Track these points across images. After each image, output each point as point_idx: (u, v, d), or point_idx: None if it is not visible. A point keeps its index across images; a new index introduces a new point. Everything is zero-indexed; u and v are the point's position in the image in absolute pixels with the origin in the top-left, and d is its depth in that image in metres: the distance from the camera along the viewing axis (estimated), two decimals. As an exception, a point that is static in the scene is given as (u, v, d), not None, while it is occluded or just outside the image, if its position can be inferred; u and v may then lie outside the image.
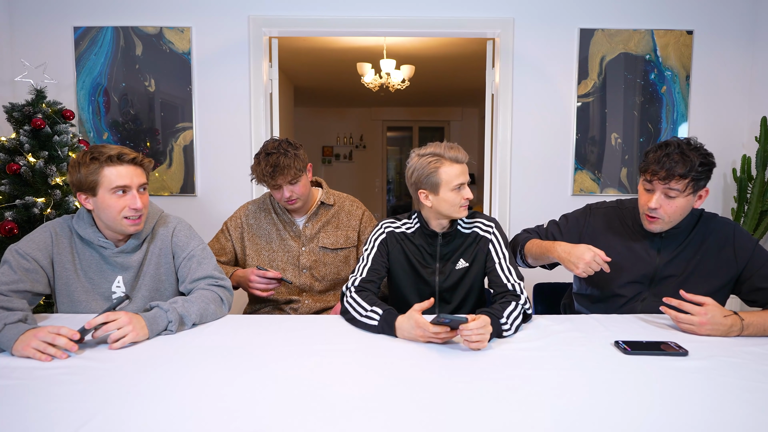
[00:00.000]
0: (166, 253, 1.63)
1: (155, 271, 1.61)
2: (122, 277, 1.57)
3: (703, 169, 1.48)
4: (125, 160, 1.47)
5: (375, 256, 1.66)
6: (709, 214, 1.64)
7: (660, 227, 1.56)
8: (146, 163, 1.54)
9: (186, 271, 1.62)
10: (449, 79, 6.36)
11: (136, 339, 1.31)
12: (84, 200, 1.49)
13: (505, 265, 1.61)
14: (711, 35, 3.01)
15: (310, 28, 3.03)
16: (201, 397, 1.02)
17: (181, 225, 1.67)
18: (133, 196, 1.48)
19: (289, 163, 1.81)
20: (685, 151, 1.48)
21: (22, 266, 1.45)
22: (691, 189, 1.49)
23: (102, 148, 1.47)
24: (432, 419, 0.93)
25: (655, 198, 1.51)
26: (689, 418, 0.94)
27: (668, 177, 1.47)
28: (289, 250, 1.98)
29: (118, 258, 1.56)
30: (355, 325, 1.48)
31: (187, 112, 3.02)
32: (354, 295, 1.53)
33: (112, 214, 1.47)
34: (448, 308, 1.68)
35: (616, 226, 1.70)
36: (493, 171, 3.21)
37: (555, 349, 1.30)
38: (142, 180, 1.51)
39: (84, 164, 1.45)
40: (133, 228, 1.52)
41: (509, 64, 3.04)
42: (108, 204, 1.46)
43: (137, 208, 1.48)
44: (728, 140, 3.08)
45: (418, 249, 1.68)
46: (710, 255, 1.58)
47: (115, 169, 1.45)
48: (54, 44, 2.93)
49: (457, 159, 1.56)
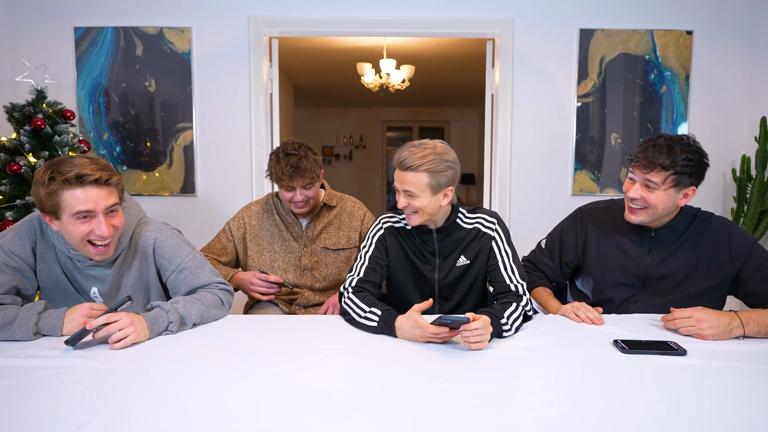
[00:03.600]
0: (148, 265, 1.52)
1: (137, 282, 1.52)
2: (97, 289, 1.48)
3: (688, 165, 1.44)
4: (87, 182, 1.28)
5: (372, 255, 1.64)
6: (705, 213, 1.61)
7: (640, 219, 1.54)
8: (114, 181, 1.34)
9: (180, 284, 1.53)
10: (449, 79, 6.36)
11: (137, 340, 1.31)
12: (49, 221, 1.34)
13: (508, 264, 1.58)
14: (711, 35, 3.01)
15: (310, 28, 3.04)
16: (201, 397, 1.02)
17: (162, 235, 1.51)
18: (98, 222, 1.31)
19: (310, 167, 1.82)
20: (673, 144, 1.45)
21: (9, 265, 1.39)
22: (672, 183, 1.45)
23: (62, 166, 1.28)
24: (432, 419, 0.93)
25: (635, 187, 1.50)
26: (688, 417, 0.94)
27: (649, 166, 1.46)
28: (290, 251, 1.99)
29: (91, 271, 1.46)
30: (354, 326, 1.48)
31: (188, 112, 3.02)
32: (351, 296, 1.52)
33: (75, 240, 1.33)
34: (448, 305, 1.67)
35: (608, 228, 1.67)
36: (493, 171, 3.22)
37: (554, 349, 1.30)
38: (110, 201, 1.33)
39: (42, 184, 1.27)
40: (99, 256, 1.38)
41: (509, 64, 3.04)
42: (70, 230, 1.31)
43: (103, 235, 1.32)
44: (728, 140, 3.08)
45: (416, 245, 1.65)
46: (705, 256, 1.55)
47: (75, 193, 1.27)
48: (54, 44, 2.94)
49: (398, 162, 1.51)
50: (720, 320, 1.34)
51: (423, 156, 1.47)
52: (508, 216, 3.14)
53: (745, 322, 1.35)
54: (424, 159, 1.47)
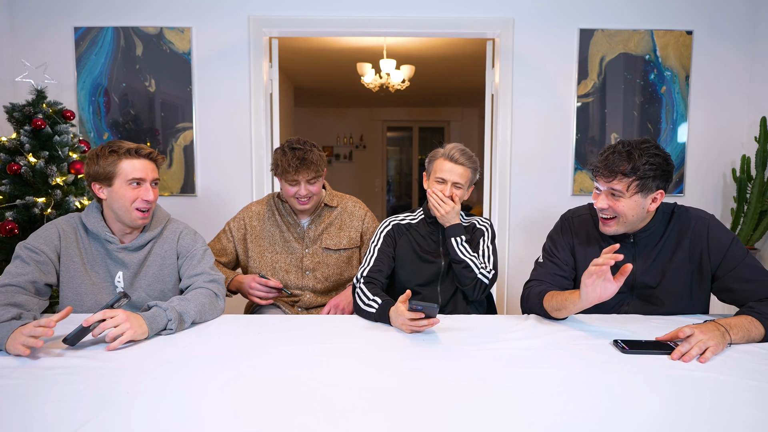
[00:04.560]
0: (171, 254, 1.67)
1: (158, 271, 1.64)
2: (122, 273, 1.61)
3: (650, 169, 1.41)
4: (142, 155, 1.57)
5: (381, 248, 1.81)
6: (681, 208, 1.57)
7: (614, 230, 1.51)
8: (159, 160, 1.64)
9: (185, 269, 1.66)
10: (449, 79, 6.36)
11: (134, 337, 1.31)
12: (98, 190, 1.56)
13: (487, 254, 1.82)
14: (711, 35, 3.00)
15: (310, 28, 3.04)
16: (201, 397, 1.02)
17: (188, 229, 1.73)
18: (146, 189, 1.57)
19: (316, 160, 1.86)
20: (632, 150, 1.42)
21: (33, 259, 1.49)
22: (636, 189, 1.43)
23: (120, 143, 1.57)
24: (432, 419, 0.93)
25: (601, 197, 1.48)
26: (687, 417, 0.94)
27: (610, 175, 1.43)
28: (292, 252, 1.98)
29: (120, 254, 1.60)
30: (359, 313, 1.62)
31: (187, 112, 3.02)
32: (362, 286, 1.67)
33: (125, 204, 1.54)
34: (452, 287, 1.82)
35: (592, 235, 1.63)
36: (493, 171, 3.22)
37: (554, 349, 1.30)
38: (155, 175, 1.61)
39: (103, 156, 1.54)
40: (141, 221, 1.59)
41: (509, 64, 3.04)
42: (122, 194, 1.54)
43: (149, 200, 1.57)
44: (728, 140, 3.08)
45: (423, 237, 1.85)
46: (688, 253, 1.52)
47: (132, 162, 1.55)
48: (54, 44, 2.93)
49: (451, 157, 1.77)
50: (714, 333, 1.26)
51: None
52: (508, 216, 3.14)
53: (727, 327, 1.30)
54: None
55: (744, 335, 1.31)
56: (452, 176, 1.76)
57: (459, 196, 1.78)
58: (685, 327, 1.28)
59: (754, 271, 1.46)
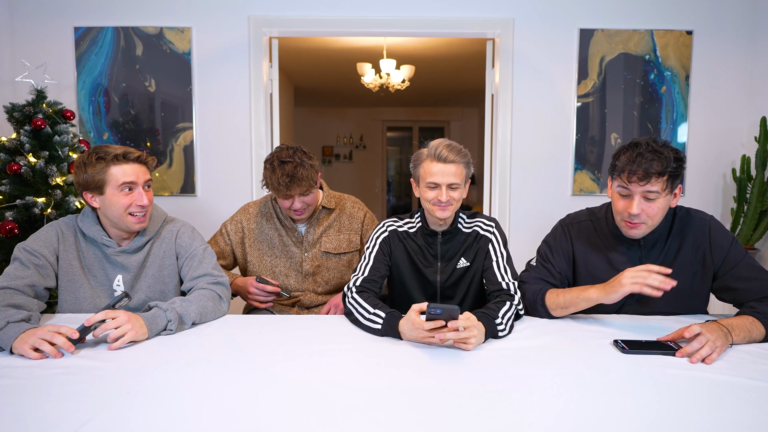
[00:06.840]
0: (170, 255, 1.65)
1: (158, 272, 1.63)
2: (122, 276, 1.59)
3: (678, 165, 1.41)
4: (131, 159, 1.52)
5: (377, 255, 1.68)
6: (682, 210, 1.57)
7: (642, 232, 1.48)
8: (149, 161, 1.59)
9: (187, 270, 1.64)
10: (449, 79, 6.36)
11: (135, 338, 1.31)
12: (90, 199, 1.53)
13: (502, 264, 1.63)
14: (711, 35, 3.01)
15: (310, 28, 3.04)
16: (201, 397, 1.02)
17: (185, 227, 1.70)
18: (139, 193, 1.53)
19: (306, 174, 1.77)
20: (657, 148, 1.41)
21: (32, 262, 1.48)
22: (669, 187, 1.42)
23: (106, 148, 1.52)
24: (432, 419, 0.93)
25: (635, 203, 1.42)
26: (687, 417, 0.94)
27: (646, 176, 1.39)
28: (291, 257, 1.95)
29: (119, 257, 1.58)
30: (358, 326, 1.48)
31: (187, 112, 3.02)
32: (356, 296, 1.53)
33: (118, 211, 1.51)
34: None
35: (594, 241, 1.61)
36: (493, 171, 3.22)
37: (554, 349, 1.30)
38: (147, 177, 1.56)
39: (90, 164, 1.49)
40: (138, 225, 1.56)
41: (509, 64, 3.04)
42: (115, 201, 1.50)
43: (143, 204, 1.53)
44: (728, 140, 3.08)
45: (420, 248, 1.70)
46: (689, 256, 1.52)
47: (122, 168, 1.51)
48: (54, 44, 2.93)
49: (439, 157, 1.54)
50: (719, 333, 1.26)
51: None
52: (508, 216, 3.14)
53: (729, 328, 1.30)
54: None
55: (745, 336, 1.32)
56: (445, 178, 1.54)
57: (457, 198, 1.58)
58: (693, 326, 1.27)
59: (754, 270, 1.47)
